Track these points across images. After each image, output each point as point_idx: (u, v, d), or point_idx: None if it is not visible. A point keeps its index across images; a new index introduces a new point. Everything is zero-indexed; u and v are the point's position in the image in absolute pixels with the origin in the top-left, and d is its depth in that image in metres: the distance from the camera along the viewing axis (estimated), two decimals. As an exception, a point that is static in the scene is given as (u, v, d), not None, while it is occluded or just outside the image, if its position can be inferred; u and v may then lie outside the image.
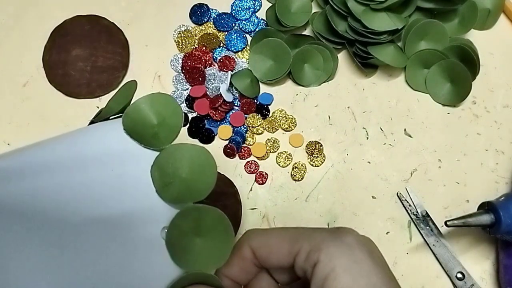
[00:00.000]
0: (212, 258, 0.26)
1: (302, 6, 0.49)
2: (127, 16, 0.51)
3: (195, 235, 0.26)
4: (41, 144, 0.27)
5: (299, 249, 0.24)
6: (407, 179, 0.45)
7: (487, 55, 0.48)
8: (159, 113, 0.27)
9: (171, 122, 0.27)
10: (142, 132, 0.27)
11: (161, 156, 0.26)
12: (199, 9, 0.51)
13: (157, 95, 0.27)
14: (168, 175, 0.26)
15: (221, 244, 0.26)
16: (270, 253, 0.26)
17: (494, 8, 0.49)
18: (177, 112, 0.27)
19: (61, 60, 0.49)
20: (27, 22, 0.52)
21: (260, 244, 0.26)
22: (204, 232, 0.26)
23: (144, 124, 0.27)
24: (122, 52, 0.49)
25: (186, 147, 0.27)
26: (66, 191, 0.25)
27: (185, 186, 0.26)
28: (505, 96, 0.47)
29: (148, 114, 0.27)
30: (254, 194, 0.45)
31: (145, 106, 0.27)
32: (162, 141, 0.27)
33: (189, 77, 0.48)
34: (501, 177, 0.45)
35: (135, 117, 0.27)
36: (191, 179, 0.26)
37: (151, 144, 0.27)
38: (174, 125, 0.27)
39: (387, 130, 0.46)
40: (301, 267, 0.24)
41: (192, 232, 0.26)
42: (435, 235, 0.42)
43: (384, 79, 0.48)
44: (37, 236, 0.25)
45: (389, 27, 0.45)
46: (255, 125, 0.46)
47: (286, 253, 0.25)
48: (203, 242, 0.26)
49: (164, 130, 0.27)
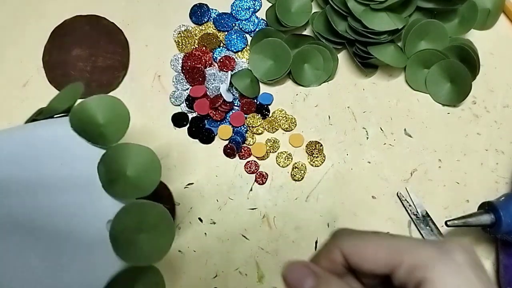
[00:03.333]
0: (154, 252, 0.27)
1: (302, 6, 0.49)
2: (127, 16, 0.51)
3: (139, 229, 0.27)
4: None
5: (400, 262, 0.23)
6: (407, 179, 0.45)
7: (487, 55, 0.48)
8: (105, 114, 0.29)
9: (117, 123, 0.29)
10: (88, 131, 0.28)
11: (107, 153, 0.27)
12: (199, 9, 0.51)
13: (104, 97, 0.29)
14: (114, 172, 0.27)
15: (163, 239, 0.27)
16: (364, 261, 0.25)
17: (494, 8, 0.49)
18: (123, 114, 0.29)
19: (61, 60, 0.49)
20: (27, 22, 0.52)
21: (354, 251, 0.25)
22: (147, 227, 0.27)
23: (90, 123, 0.28)
24: (122, 52, 0.49)
25: (132, 147, 0.28)
26: (16, 184, 0.26)
27: (130, 183, 0.28)
28: (505, 96, 0.47)
29: (95, 114, 0.28)
30: (254, 194, 0.45)
31: (92, 107, 0.29)
32: (109, 139, 0.28)
33: (189, 77, 0.48)
34: (501, 177, 0.45)
35: (81, 116, 0.28)
36: (135, 176, 0.28)
37: (98, 142, 0.28)
38: (121, 126, 0.28)
39: (387, 130, 0.46)
40: (401, 280, 0.23)
41: (135, 227, 0.27)
42: (435, 235, 0.42)
43: (384, 79, 0.48)
44: None
45: (389, 27, 0.45)
46: (255, 125, 0.46)
47: (382, 263, 0.24)
48: (146, 236, 0.27)
49: (110, 130, 0.28)
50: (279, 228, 0.44)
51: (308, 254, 0.44)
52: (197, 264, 0.43)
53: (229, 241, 0.43)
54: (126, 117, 0.29)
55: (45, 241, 0.25)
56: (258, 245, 0.43)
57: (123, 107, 0.29)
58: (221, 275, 0.43)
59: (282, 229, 0.44)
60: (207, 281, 0.42)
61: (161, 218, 0.27)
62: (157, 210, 0.28)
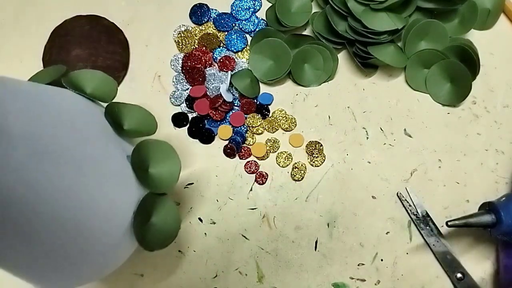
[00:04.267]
0: (166, 180, 0.34)
1: (302, 6, 0.49)
2: (127, 16, 0.51)
3: (149, 161, 0.34)
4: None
5: None
6: (407, 179, 0.45)
7: (487, 55, 0.48)
8: (90, 84, 0.34)
9: (104, 91, 0.35)
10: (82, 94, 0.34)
11: (109, 109, 0.34)
12: (199, 9, 0.51)
13: (90, 71, 0.35)
14: (119, 122, 0.34)
15: (171, 168, 0.35)
16: None
17: (494, 8, 0.49)
18: (109, 82, 0.35)
19: (61, 60, 0.49)
20: (27, 22, 0.52)
21: None
22: (157, 159, 0.34)
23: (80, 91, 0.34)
24: (122, 52, 0.49)
25: (129, 105, 0.36)
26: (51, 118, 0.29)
27: (134, 129, 0.35)
28: (505, 96, 0.47)
29: (83, 84, 0.34)
30: (254, 194, 0.45)
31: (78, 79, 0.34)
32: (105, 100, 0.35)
33: (189, 77, 0.48)
34: (501, 177, 0.45)
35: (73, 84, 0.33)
36: (139, 123, 0.35)
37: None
38: (108, 92, 0.35)
39: (387, 130, 0.46)
40: None
41: (147, 160, 0.34)
42: (435, 235, 0.42)
43: (384, 79, 0.48)
44: None
45: (389, 27, 0.45)
46: (255, 125, 0.46)
47: None
48: (157, 166, 0.34)
49: (98, 97, 0.34)
50: (279, 228, 0.44)
51: (308, 254, 0.45)
52: (197, 264, 0.43)
53: (229, 241, 0.43)
54: (111, 84, 0.35)
55: (78, 166, 0.28)
56: (258, 245, 0.43)
57: (105, 76, 0.35)
58: (221, 275, 0.43)
59: (282, 229, 0.44)
60: (207, 281, 0.42)
61: (168, 151, 0.35)
62: (164, 145, 0.35)
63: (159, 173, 0.34)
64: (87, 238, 0.29)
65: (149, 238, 0.33)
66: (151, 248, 0.33)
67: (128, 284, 0.43)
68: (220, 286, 0.42)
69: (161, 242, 0.34)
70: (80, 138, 0.29)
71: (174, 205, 0.35)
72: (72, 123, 0.29)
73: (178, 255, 0.43)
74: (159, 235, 0.34)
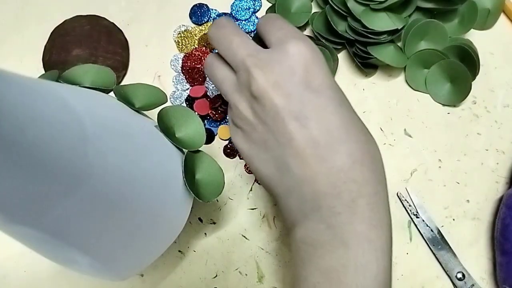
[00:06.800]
0: (194, 139, 0.36)
1: (302, 6, 0.49)
2: (127, 16, 0.51)
3: (175, 126, 0.36)
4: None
5: None
6: (407, 179, 0.45)
7: (487, 55, 0.48)
8: (88, 77, 0.36)
9: (103, 80, 0.36)
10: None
11: (117, 91, 0.35)
12: (199, 9, 0.51)
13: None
14: (131, 102, 0.36)
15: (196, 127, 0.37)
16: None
17: (494, 8, 0.49)
18: (103, 71, 0.36)
19: (61, 60, 0.49)
20: (27, 22, 0.52)
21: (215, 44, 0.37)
22: (179, 124, 0.37)
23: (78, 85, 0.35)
24: (122, 52, 0.49)
25: (131, 85, 0.37)
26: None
27: (146, 104, 0.37)
28: (505, 96, 0.47)
29: (80, 79, 0.35)
30: (254, 194, 0.45)
31: (73, 75, 0.36)
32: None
33: (189, 77, 0.48)
34: (502, 177, 0.45)
35: (70, 81, 0.35)
36: (147, 98, 0.38)
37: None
38: (107, 80, 0.36)
39: (387, 130, 0.46)
40: None
41: (172, 124, 0.36)
42: (435, 235, 0.42)
43: (384, 79, 0.48)
44: None
45: (389, 27, 0.45)
46: (255, 125, 0.46)
47: None
48: (182, 131, 0.37)
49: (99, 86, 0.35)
50: (279, 228, 0.44)
51: (308, 254, 0.44)
52: (197, 264, 0.43)
53: (229, 241, 0.43)
54: (110, 76, 0.36)
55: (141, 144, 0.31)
56: (258, 245, 0.43)
57: (103, 68, 0.37)
58: (221, 275, 0.43)
59: (282, 229, 0.44)
60: (207, 281, 0.42)
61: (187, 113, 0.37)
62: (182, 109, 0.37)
63: (187, 134, 0.37)
64: (160, 210, 0.32)
65: (202, 191, 0.35)
66: (208, 198, 0.35)
67: (128, 284, 0.43)
68: (220, 286, 0.42)
69: (214, 191, 0.36)
70: (127, 115, 0.32)
71: (211, 157, 0.36)
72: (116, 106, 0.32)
73: (178, 255, 0.43)
74: (210, 186, 0.36)
